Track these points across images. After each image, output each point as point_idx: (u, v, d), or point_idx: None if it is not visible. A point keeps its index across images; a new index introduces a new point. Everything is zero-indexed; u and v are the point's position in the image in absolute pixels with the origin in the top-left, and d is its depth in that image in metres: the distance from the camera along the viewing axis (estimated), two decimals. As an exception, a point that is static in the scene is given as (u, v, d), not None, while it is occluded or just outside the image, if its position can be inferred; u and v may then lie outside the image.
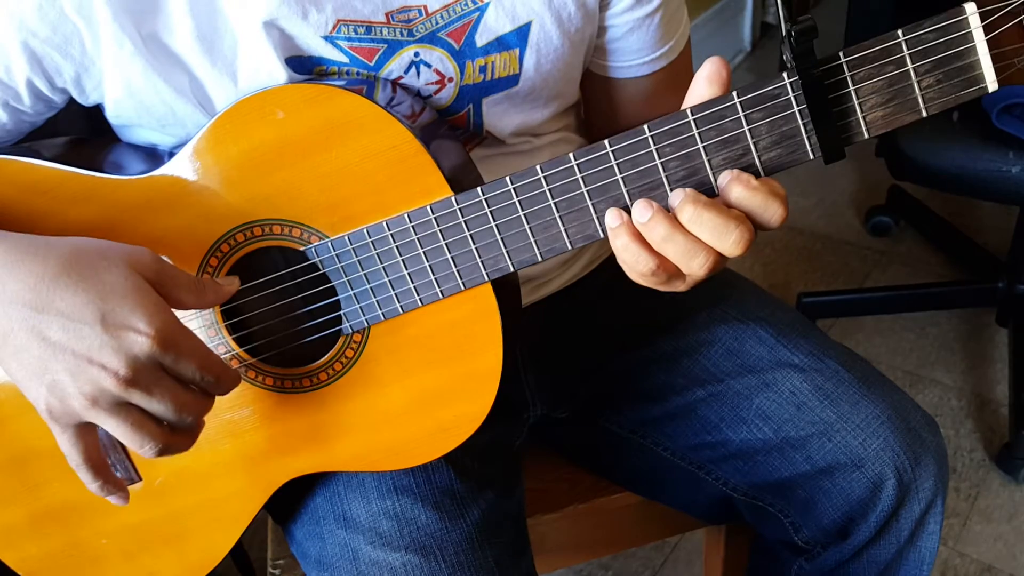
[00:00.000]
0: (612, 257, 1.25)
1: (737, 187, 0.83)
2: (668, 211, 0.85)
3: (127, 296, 0.84)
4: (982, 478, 2.14)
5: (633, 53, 1.10)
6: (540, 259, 0.91)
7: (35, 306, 0.83)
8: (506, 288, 0.97)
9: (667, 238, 0.84)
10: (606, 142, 0.85)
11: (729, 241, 0.83)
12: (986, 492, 2.12)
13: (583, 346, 1.28)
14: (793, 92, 0.81)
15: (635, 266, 0.87)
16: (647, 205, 0.85)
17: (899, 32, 0.79)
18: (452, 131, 1.04)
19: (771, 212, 0.83)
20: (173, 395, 0.86)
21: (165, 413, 0.86)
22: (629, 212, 0.86)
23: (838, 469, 1.13)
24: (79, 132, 1.12)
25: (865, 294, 2.58)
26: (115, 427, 0.86)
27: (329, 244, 0.94)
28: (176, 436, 0.89)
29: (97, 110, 1.05)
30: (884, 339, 2.47)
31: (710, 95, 0.83)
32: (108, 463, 0.94)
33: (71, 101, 1.02)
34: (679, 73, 1.14)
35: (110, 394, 0.84)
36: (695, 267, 0.85)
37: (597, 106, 1.19)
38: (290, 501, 1.15)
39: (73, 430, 0.89)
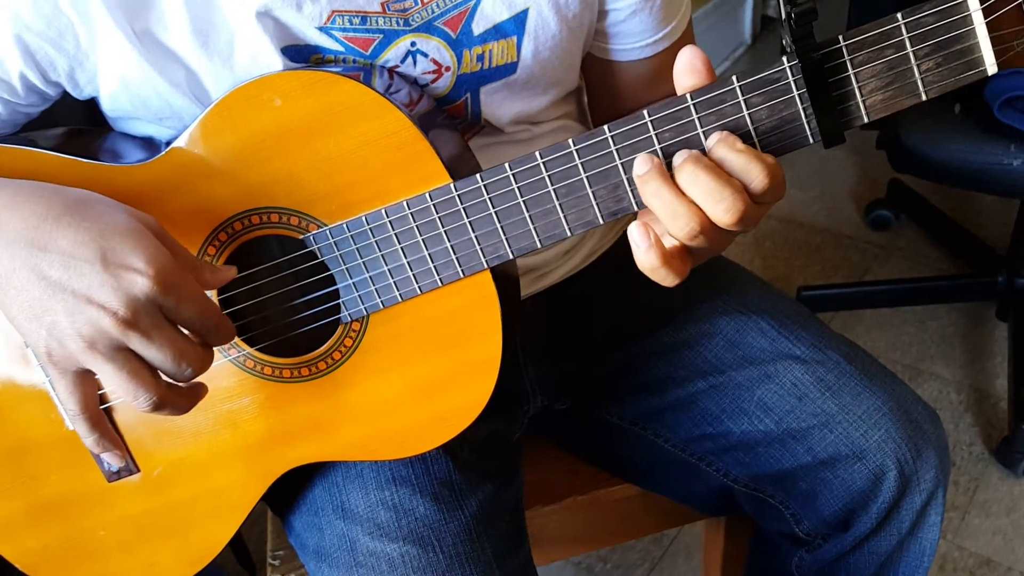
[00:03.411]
0: (612, 249, 1.26)
1: (722, 148, 0.82)
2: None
3: (128, 236, 0.83)
4: (981, 472, 2.14)
5: (635, 36, 1.10)
6: (539, 246, 0.90)
7: (37, 244, 0.82)
8: (505, 278, 0.97)
9: (656, 193, 0.83)
10: (606, 127, 0.85)
11: (720, 208, 0.81)
12: (985, 486, 2.12)
13: (583, 337, 1.28)
14: (793, 76, 0.81)
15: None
16: (648, 158, 0.84)
17: (898, 16, 0.79)
18: (450, 120, 1.04)
19: (753, 175, 0.82)
20: (172, 342, 0.84)
21: (163, 362, 0.84)
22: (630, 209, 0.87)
23: (839, 460, 1.13)
24: (77, 123, 1.11)
25: (865, 288, 2.59)
26: (111, 374, 0.84)
27: (327, 232, 0.94)
28: (174, 392, 0.88)
29: (94, 102, 1.05)
30: (884, 333, 2.47)
31: (694, 85, 0.83)
32: (105, 418, 0.92)
33: (68, 93, 1.02)
34: None
35: (108, 336, 0.82)
36: (677, 228, 0.83)
37: (600, 90, 1.19)
38: (289, 492, 1.15)
39: (72, 376, 0.87)
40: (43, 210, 0.84)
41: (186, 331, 0.86)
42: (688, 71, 0.83)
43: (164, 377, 0.87)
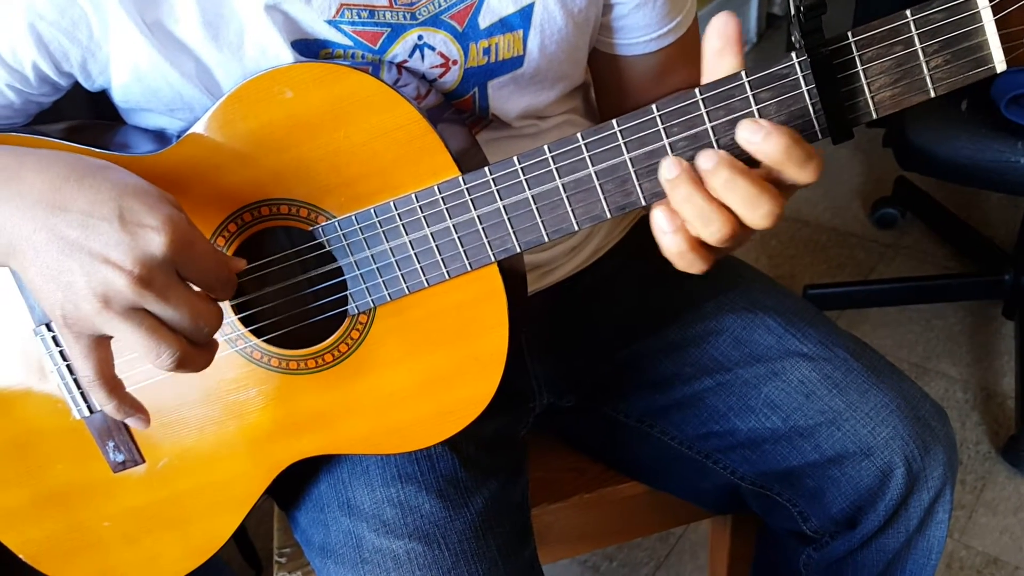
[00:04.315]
0: (619, 246, 1.26)
1: (780, 136, 0.79)
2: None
3: (146, 196, 0.83)
4: (988, 470, 2.14)
5: (640, 29, 1.10)
6: (546, 239, 0.90)
7: (58, 204, 0.83)
8: (512, 273, 0.97)
9: (687, 198, 0.82)
10: (614, 122, 0.85)
11: (759, 214, 0.80)
12: (992, 484, 2.11)
13: (589, 335, 1.27)
14: (802, 72, 0.81)
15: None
16: (676, 162, 0.82)
17: (907, 12, 0.79)
18: (458, 114, 1.04)
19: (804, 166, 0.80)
20: (188, 301, 0.83)
21: (180, 321, 0.83)
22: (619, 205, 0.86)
23: (847, 458, 1.13)
24: (83, 118, 1.12)
25: (871, 286, 2.59)
26: (129, 333, 0.83)
27: (336, 224, 0.94)
28: (193, 349, 0.86)
29: (102, 97, 1.05)
30: (890, 331, 2.47)
31: (719, 48, 0.82)
32: (122, 383, 0.90)
33: (76, 88, 1.02)
34: (688, 49, 1.14)
35: (123, 295, 0.81)
36: (708, 233, 0.82)
37: (607, 86, 1.19)
38: (295, 488, 1.15)
39: (86, 340, 0.86)
40: (66, 172, 0.84)
41: (198, 289, 0.86)
42: (720, 31, 0.82)
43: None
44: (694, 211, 0.81)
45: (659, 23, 1.09)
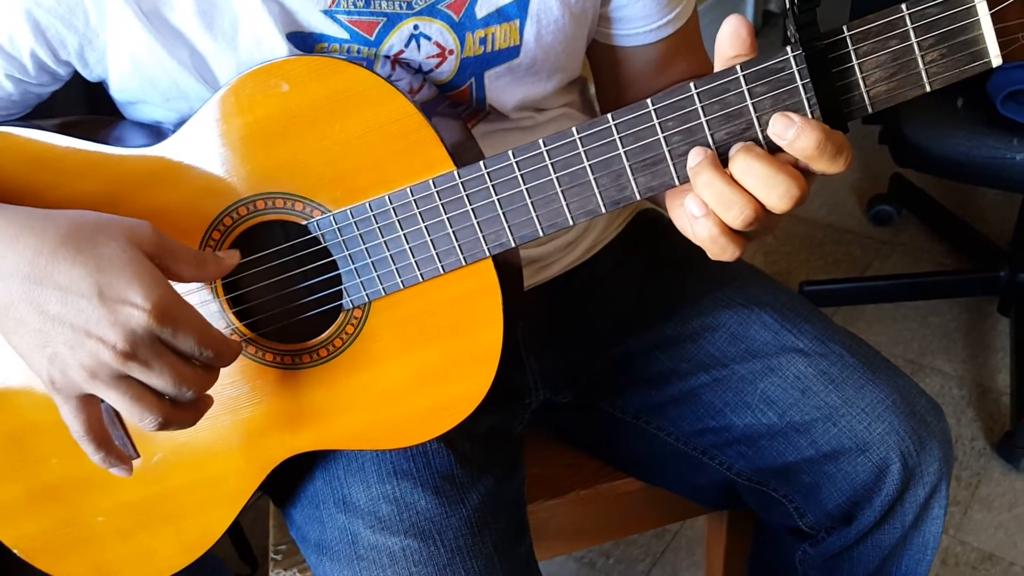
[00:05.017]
0: (615, 242, 1.26)
1: (812, 131, 0.80)
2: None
3: (124, 269, 0.83)
4: (983, 467, 2.14)
5: (639, 20, 1.10)
6: (541, 234, 0.90)
7: (34, 279, 0.84)
8: (508, 267, 0.97)
9: (707, 184, 0.82)
10: (609, 116, 0.85)
11: (775, 194, 0.81)
12: (987, 481, 2.12)
13: (586, 330, 1.27)
14: (796, 66, 0.81)
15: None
16: (700, 150, 0.84)
17: (903, 6, 0.78)
18: (453, 108, 1.04)
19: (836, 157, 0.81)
20: (172, 369, 0.85)
21: (165, 387, 0.86)
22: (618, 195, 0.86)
23: (843, 454, 1.13)
24: (80, 114, 1.11)
25: (867, 283, 2.59)
26: (115, 400, 0.86)
27: (331, 218, 0.94)
28: (178, 411, 0.89)
29: (98, 93, 1.04)
30: (885, 328, 2.47)
31: (736, 54, 0.82)
32: (111, 435, 0.93)
33: (72, 84, 1.02)
34: (689, 39, 1.14)
35: (109, 367, 0.84)
36: (730, 217, 0.83)
37: (608, 78, 1.19)
38: (290, 484, 1.15)
39: (75, 401, 0.89)
40: (37, 243, 0.85)
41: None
42: (732, 40, 0.82)
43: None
44: (714, 196, 0.82)
45: (658, 13, 1.10)
